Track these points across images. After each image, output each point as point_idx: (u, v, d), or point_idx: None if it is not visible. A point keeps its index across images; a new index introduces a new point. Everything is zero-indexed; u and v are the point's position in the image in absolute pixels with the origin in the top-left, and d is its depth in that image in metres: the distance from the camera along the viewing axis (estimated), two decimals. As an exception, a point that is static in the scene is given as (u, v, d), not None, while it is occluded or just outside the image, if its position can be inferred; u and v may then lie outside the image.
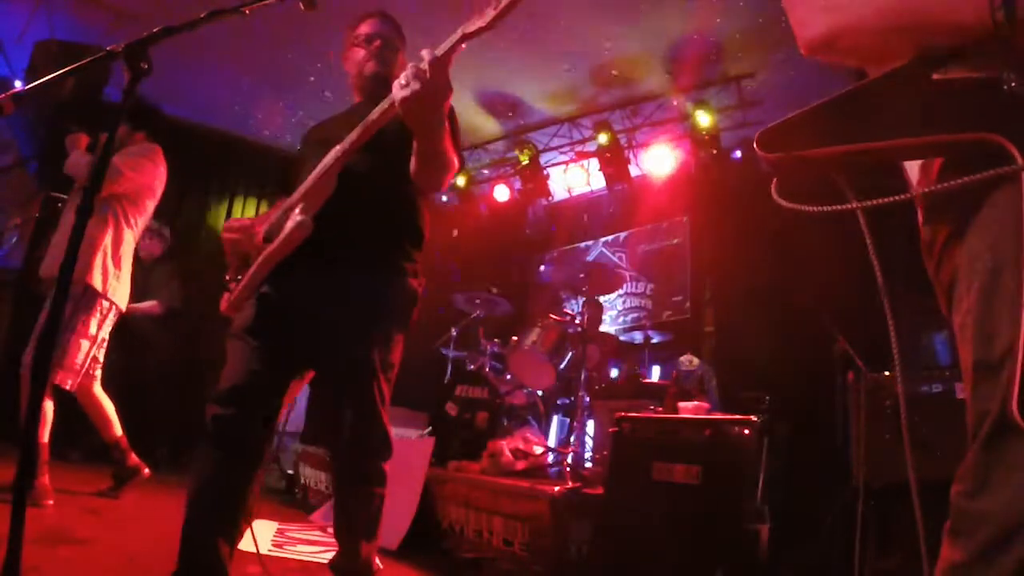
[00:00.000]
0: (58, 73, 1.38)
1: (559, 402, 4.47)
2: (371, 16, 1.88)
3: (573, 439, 3.68)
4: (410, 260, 1.75)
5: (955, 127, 0.71)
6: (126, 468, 2.98)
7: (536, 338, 4.03)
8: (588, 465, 3.66)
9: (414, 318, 1.76)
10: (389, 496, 1.70)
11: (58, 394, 2.75)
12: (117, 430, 2.97)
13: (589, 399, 3.87)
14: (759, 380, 3.61)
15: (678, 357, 4.17)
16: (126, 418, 3.03)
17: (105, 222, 2.87)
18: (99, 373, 2.95)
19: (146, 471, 3.03)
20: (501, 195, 6.31)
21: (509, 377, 4.22)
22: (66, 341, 2.71)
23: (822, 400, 3.44)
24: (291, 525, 3.14)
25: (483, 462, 3.32)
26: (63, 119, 3.34)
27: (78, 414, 2.94)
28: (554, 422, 4.69)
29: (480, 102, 5.35)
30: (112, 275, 2.86)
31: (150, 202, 3.07)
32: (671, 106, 5.20)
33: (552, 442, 4.35)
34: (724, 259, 4.74)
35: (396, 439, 1.71)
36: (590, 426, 3.99)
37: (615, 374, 4.62)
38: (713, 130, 5.02)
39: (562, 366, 4.05)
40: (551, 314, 4.24)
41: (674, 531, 2.25)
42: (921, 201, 0.84)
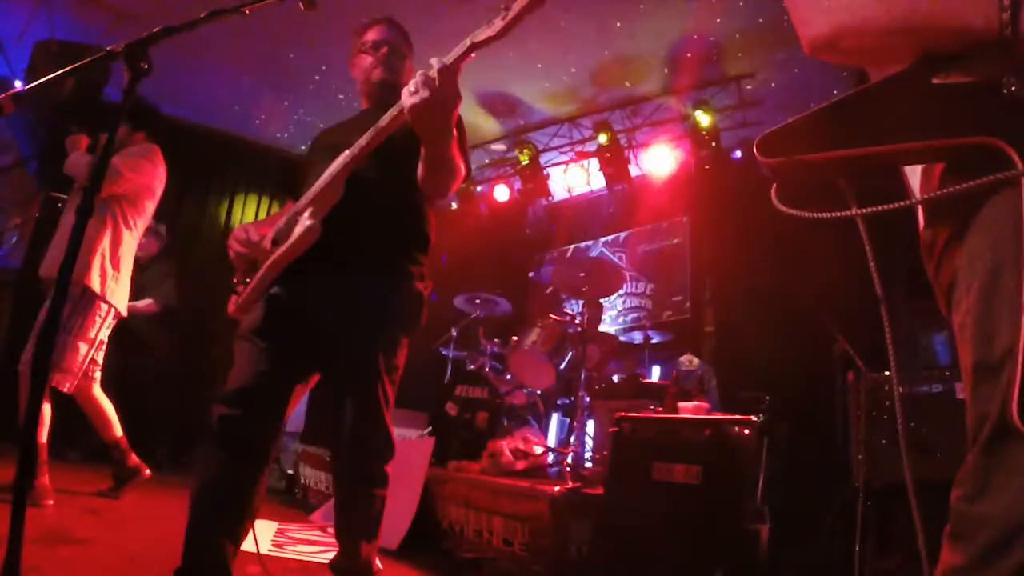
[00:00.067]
0: (58, 73, 1.38)
1: (559, 402, 4.47)
2: (378, 23, 1.89)
3: (573, 439, 3.68)
4: (417, 264, 1.76)
5: (956, 131, 0.71)
6: (126, 469, 2.98)
7: (536, 338, 4.03)
8: (588, 465, 3.66)
9: (423, 323, 1.77)
10: (389, 496, 1.70)
11: (56, 395, 2.74)
12: (117, 431, 2.97)
13: (589, 399, 3.87)
14: (759, 380, 3.61)
15: (678, 357, 4.17)
16: (125, 418, 3.03)
17: (104, 223, 2.86)
18: (98, 375, 2.94)
19: (147, 472, 3.03)
20: (501, 195, 6.32)
21: (509, 377, 4.22)
22: (63, 343, 2.70)
23: (822, 400, 3.44)
24: (291, 525, 3.14)
25: (483, 462, 3.32)
26: (63, 119, 3.34)
27: (77, 414, 2.94)
28: (554, 422, 4.69)
29: (480, 102, 5.34)
30: (111, 277, 2.85)
31: (149, 203, 3.05)
32: (671, 106, 5.20)
33: (552, 442, 4.36)
34: (724, 259, 4.74)
35: (397, 439, 1.72)
36: (590, 426, 3.99)
37: (615, 375, 4.62)
38: (713, 130, 5.02)
39: (562, 366, 4.05)
40: (551, 314, 4.24)
41: (674, 531, 2.25)
42: (922, 205, 0.84)
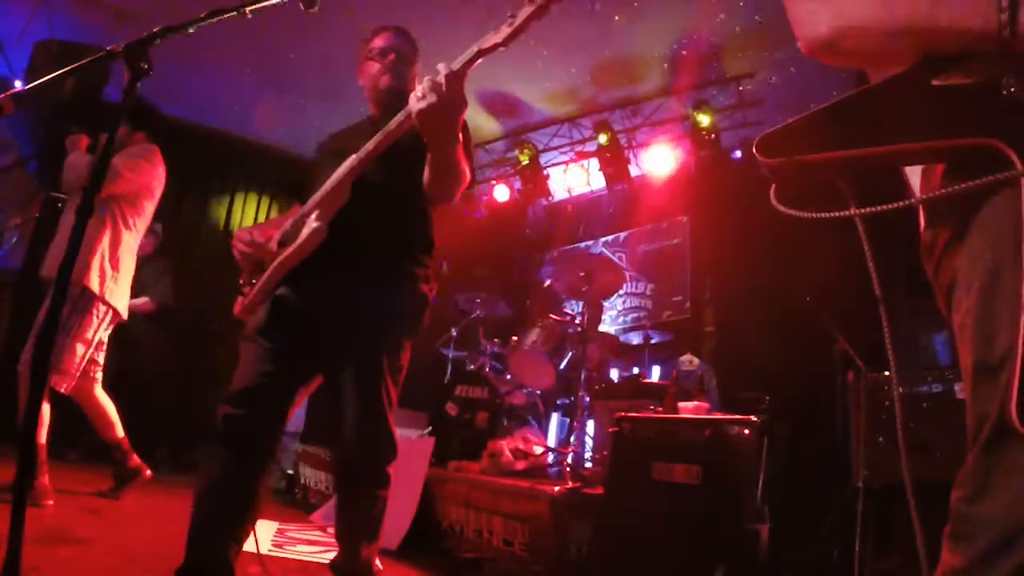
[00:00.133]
0: (58, 73, 1.39)
1: (559, 402, 4.47)
2: (385, 30, 1.91)
3: (573, 439, 3.68)
4: (421, 266, 1.78)
5: (955, 132, 0.71)
6: (127, 469, 2.98)
7: (536, 338, 4.03)
8: (588, 465, 3.66)
9: (426, 323, 1.79)
10: (389, 496, 1.71)
11: (56, 395, 2.74)
12: (119, 431, 2.97)
13: (589, 399, 3.87)
14: (759, 380, 3.61)
15: (678, 357, 4.17)
16: (124, 418, 3.03)
17: (103, 223, 2.85)
18: (100, 375, 2.94)
19: (147, 472, 3.03)
20: (501, 195, 6.32)
21: (509, 377, 4.22)
22: (61, 344, 2.69)
23: (822, 400, 3.44)
24: (291, 525, 3.14)
25: (483, 462, 3.32)
26: (63, 119, 3.34)
27: (77, 414, 2.94)
28: (554, 422, 4.69)
29: (480, 102, 5.34)
30: (110, 277, 2.84)
31: (148, 203, 3.05)
32: (671, 106, 5.20)
33: (552, 442, 4.35)
34: (724, 259, 4.74)
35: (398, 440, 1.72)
36: (590, 426, 3.99)
37: (615, 375, 4.62)
38: (713, 130, 5.02)
39: (562, 366, 4.05)
40: (551, 314, 4.24)
41: (674, 531, 2.25)
42: (922, 206, 0.84)
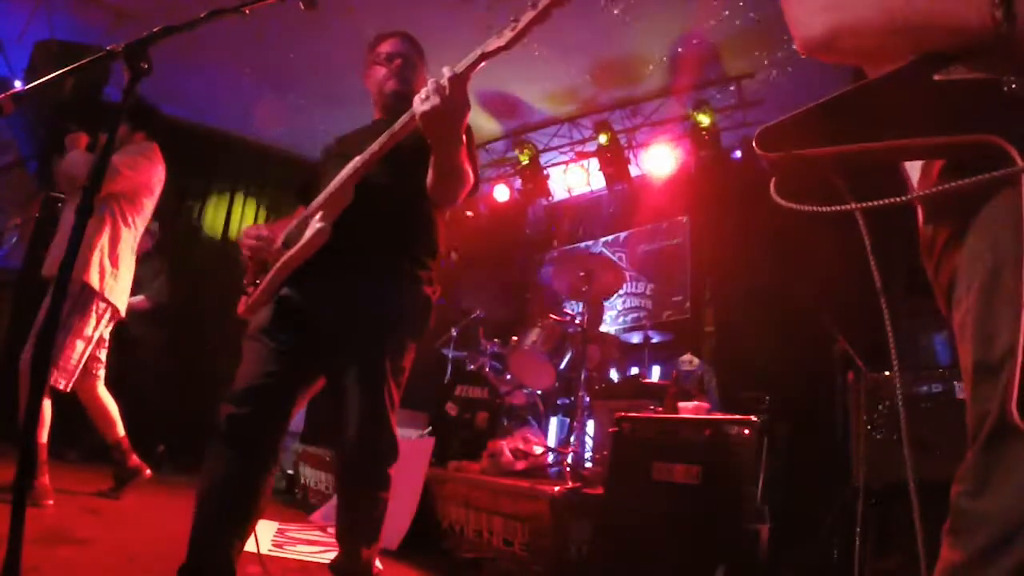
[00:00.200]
0: (58, 73, 1.39)
1: (559, 402, 4.46)
2: (392, 35, 1.92)
3: (573, 439, 3.68)
4: (425, 268, 1.77)
5: (955, 128, 0.70)
6: (127, 469, 2.98)
7: (536, 338, 4.03)
8: (588, 465, 3.66)
9: (431, 325, 1.79)
10: (390, 496, 1.70)
11: (56, 395, 2.74)
12: (120, 431, 2.97)
13: (589, 399, 3.86)
14: (759, 380, 3.61)
15: (678, 357, 4.17)
16: (123, 417, 3.02)
17: (103, 221, 2.86)
18: (102, 373, 2.94)
19: (147, 472, 3.03)
20: (501, 195, 6.31)
21: (509, 377, 4.22)
22: (61, 341, 2.69)
23: (822, 400, 3.44)
24: (291, 525, 3.14)
25: (483, 462, 3.32)
26: (63, 119, 3.34)
27: (77, 414, 2.94)
28: (554, 422, 4.69)
29: (480, 102, 5.34)
30: (109, 274, 2.84)
31: (148, 201, 3.05)
32: (671, 106, 5.20)
33: (552, 442, 4.35)
34: (724, 259, 4.74)
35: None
36: (590, 426, 3.99)
37: (615, 374, 4.62)
38: (713, 130, 5.02)
39: (562, 366, 4.05)
40: (551, 314, 4.24)
41: (674, 531, 2.25)
42: (921, 202, 0.83)
